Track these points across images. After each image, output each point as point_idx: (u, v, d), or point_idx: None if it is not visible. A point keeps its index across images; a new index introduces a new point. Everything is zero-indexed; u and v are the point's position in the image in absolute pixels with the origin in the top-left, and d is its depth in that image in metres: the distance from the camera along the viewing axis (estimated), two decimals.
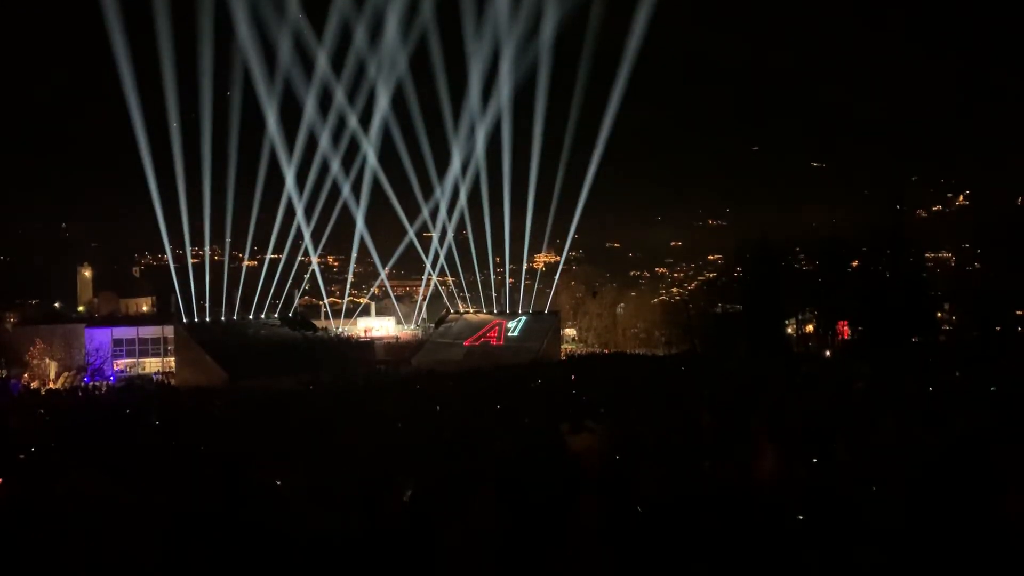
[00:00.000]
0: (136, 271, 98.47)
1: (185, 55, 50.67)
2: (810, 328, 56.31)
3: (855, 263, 54.45)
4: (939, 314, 54.93)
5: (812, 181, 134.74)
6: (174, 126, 52.32)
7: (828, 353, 46.01)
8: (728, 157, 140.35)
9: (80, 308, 71.68)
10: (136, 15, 49.04)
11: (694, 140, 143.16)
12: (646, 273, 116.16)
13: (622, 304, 72.13)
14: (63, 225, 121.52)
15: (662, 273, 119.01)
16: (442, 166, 59.33)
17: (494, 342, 52.46)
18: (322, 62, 55.99)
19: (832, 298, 52.67)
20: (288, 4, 53.98)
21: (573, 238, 61.50)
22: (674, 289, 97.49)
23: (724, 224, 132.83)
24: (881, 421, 10.25)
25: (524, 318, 54.47)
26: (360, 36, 56.35)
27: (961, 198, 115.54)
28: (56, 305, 73.95)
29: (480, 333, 53.44)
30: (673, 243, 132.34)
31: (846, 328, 53.54)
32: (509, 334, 52.89)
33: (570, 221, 58.89)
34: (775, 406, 12.34)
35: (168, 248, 55.73)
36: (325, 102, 56.95)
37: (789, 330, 56.30)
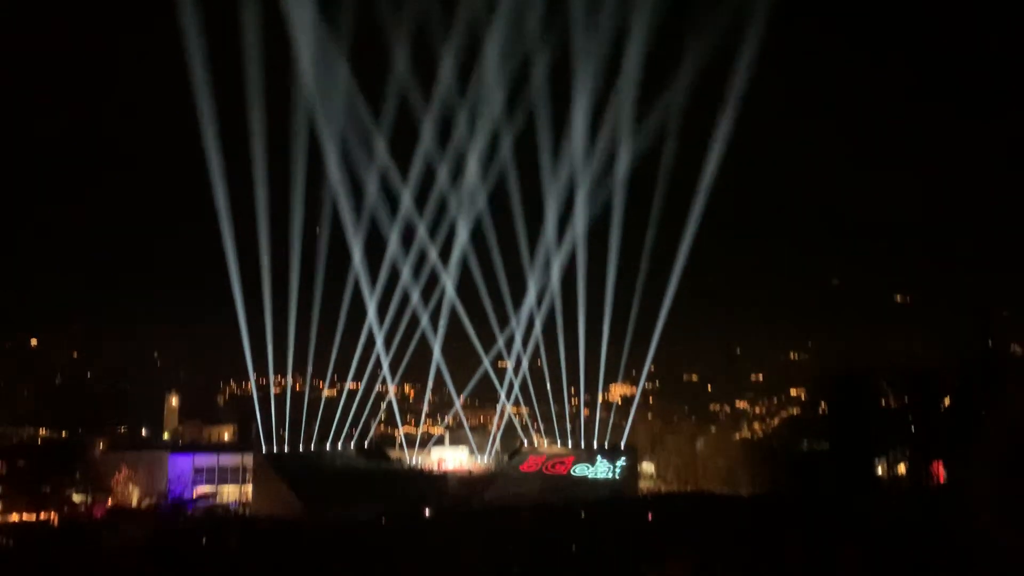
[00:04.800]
0: (221, 399, 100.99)
1: (278, 192, 53.61)
2: (902, 468, 53.38)
3: (947, 399, 52.00)
4: None
5: (895, 312, 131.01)
6: (265, 259, 54.86)
7: (924, 495, 43.39)
8: (807, 288, 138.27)
9: (165, 435, 73.55)
10: (233, 155, 52.40)
11: (772, 270, 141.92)
12: (726, 408, 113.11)
13: (701, 439, 69.99)
14: (155, 354, 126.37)
15: (743, 408, 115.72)
16: (518, 296, 60.12)
17: (568, 477, 51.70)
18: (406, 199, 58.46)
19: (924, 436, 50.11)
20: (376, 147, 57.07)
21: (649, 370, 60.80)
22: (756, 425, 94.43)
23: (805, 357, 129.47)
24: (980, 567, 9.61)
25: (599, 454, 53.70)
26: (443, 174, 58.88)
27: None
28: (143, 432, 76.07)
29: (554, 468, 52.77)
30: (753, 376, 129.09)
31: (942, 469, 50.57)
32: (584, 470, 52.19)
33: (646, 352, 58.36)
34: (868, 552, 11.71)
35: (252, 377, 57.26)
36: (408, 236, 59.03)
37: (879, 470, 53.48)
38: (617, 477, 52.84)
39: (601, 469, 53.06)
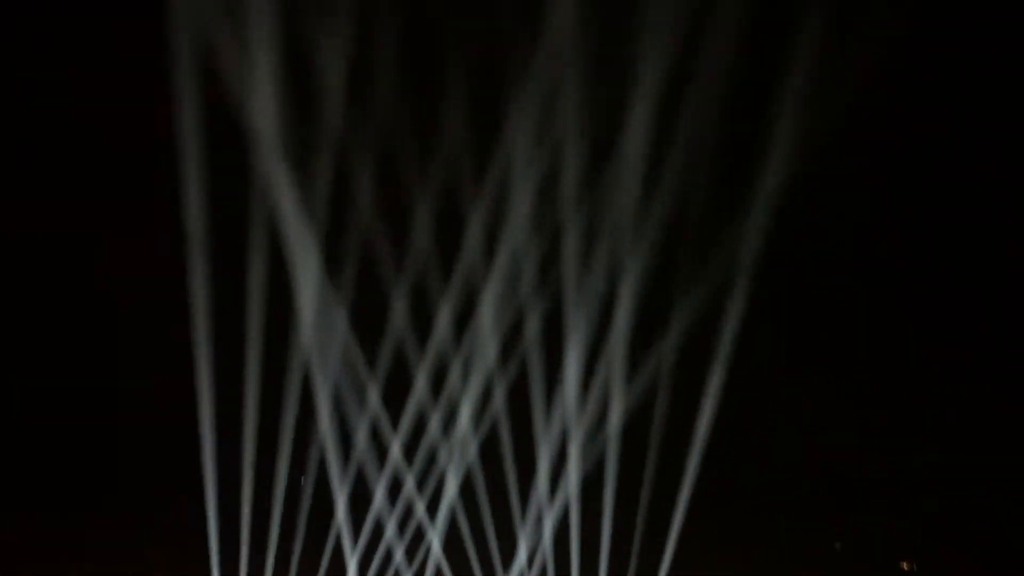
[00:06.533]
0: None
1: (265, 442, 53.22)
2: None
3: None
4: None
5: None
6: (246, 510, 53.25)
7: None
8: (809, 554, 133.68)
9: None
10: (222, 403, 52.54)
11: (771, 534, 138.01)
12: None
13: None
14: None
15: None
16: (507, 557, 58.14)
17: None
18: (395, 449, 57.97)
19: None
20: (368, 396, 57.45)
21: None
22: None
23: None
24: None
25: None
26: (435, 424, 58.84)
27: None
28: None
29: None
30: None
31: None
32: None
33: None
34: None
35: None
36: (395, 489, 57.98)
37: None
38: None
39: None
